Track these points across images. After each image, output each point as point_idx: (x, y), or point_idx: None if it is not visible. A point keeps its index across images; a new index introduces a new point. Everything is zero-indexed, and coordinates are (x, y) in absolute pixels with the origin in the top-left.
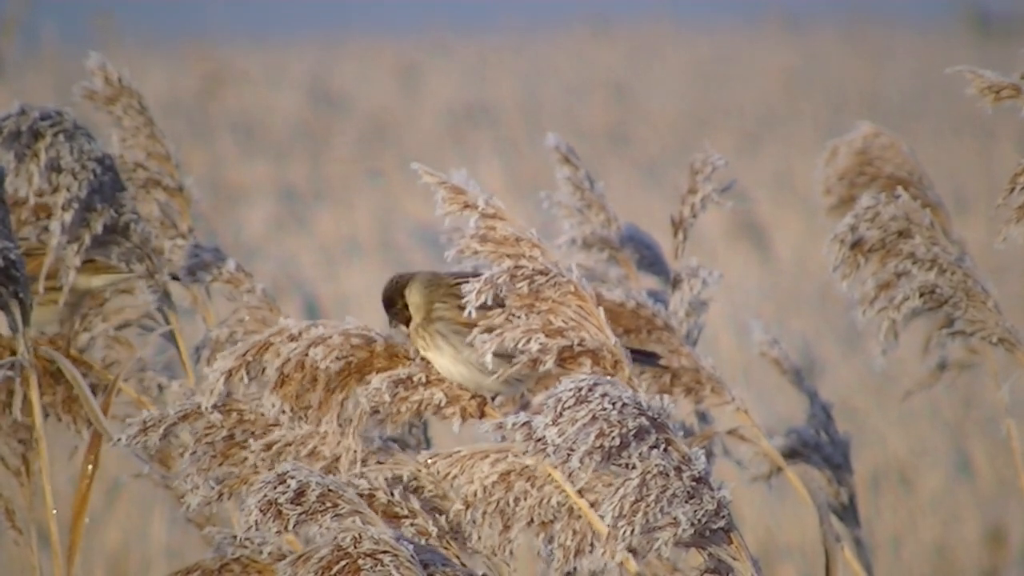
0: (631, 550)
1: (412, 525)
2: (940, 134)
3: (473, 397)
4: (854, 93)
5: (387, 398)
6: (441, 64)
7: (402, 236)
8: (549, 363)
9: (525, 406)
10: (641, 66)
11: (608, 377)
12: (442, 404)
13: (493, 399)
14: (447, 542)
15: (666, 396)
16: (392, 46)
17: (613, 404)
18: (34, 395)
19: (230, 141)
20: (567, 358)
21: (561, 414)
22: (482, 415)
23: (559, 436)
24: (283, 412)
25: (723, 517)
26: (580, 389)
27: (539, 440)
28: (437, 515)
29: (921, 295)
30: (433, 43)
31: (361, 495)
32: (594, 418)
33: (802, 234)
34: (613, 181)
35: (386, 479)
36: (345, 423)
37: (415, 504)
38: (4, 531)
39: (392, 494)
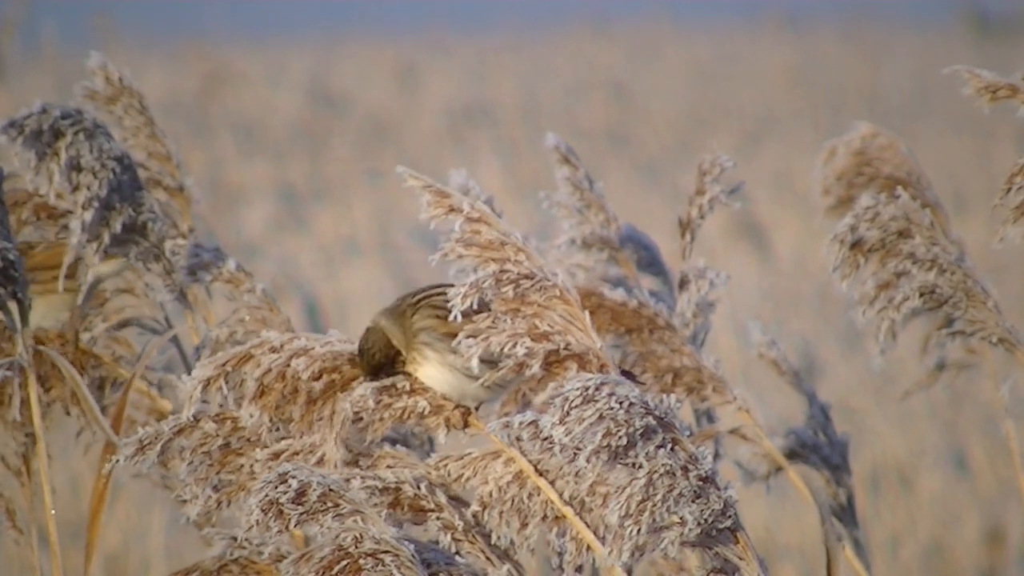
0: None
1: (438, 519)
2: (940, 134)
3: (457, 407)
4: (854, 93)
5: (371, 404)
6: (440, 64)
7: (401, 236)
8: (535, 367)
9: (527, 405)
10: (641, 66)
11: (614, 376)
12: (425, 412)
13: (476, 409)
14: (473, 536)
15: (672, 396)
16: (391, 46)
17: (620, 403)
18: (33, 395)
19: (230, 141)
20: (553, 362)
21: (568, 413)
22: (466, 425)
23: (566, 435)
24: (262, 424)
25: (729, 517)
26: (587, 388)
27: (546, 439)
28: (463, 509)
29: (921, 295)
30: (432, 43)
31: (387, 488)
32: (601, 417)
33: (801, 234)
34: (613, 181)
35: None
36: (326, 429)
37: (441, 498)
38: (4, 531)
39: (419, 487)
